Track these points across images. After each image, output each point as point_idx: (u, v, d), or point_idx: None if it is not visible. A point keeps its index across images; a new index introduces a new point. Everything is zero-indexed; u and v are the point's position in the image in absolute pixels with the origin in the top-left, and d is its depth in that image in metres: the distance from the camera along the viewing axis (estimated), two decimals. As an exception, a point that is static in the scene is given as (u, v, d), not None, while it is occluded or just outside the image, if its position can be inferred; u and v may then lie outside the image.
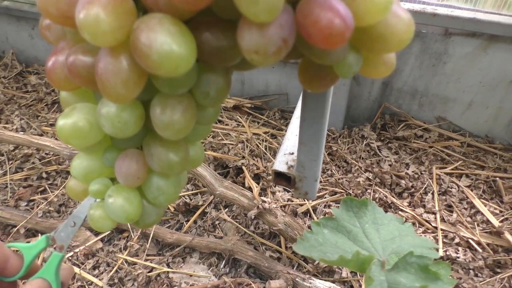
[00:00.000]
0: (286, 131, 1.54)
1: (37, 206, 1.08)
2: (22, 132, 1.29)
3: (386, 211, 1.03)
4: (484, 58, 1.16)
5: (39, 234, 1.01)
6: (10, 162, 1.21)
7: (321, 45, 0.24)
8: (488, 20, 1.06)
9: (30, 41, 1.66)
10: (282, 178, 0.52)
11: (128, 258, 0.96)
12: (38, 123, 1.37)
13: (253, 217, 0.95)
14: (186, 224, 1.04)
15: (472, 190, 1.13)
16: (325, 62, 0.29)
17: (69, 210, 1.08)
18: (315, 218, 1.05)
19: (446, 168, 1.20)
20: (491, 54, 1.14)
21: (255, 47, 0.24)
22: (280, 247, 0.98)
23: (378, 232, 0.50)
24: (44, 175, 1.18)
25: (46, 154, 1.23)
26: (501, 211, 1.06)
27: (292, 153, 0.52)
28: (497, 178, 1.14)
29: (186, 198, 1.09)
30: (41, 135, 1.31)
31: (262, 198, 0.98)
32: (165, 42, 0.24)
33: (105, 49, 0.26)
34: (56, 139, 1.18)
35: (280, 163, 0.52)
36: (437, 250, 1.02)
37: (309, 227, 1.02)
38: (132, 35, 0.25)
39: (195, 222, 1.06)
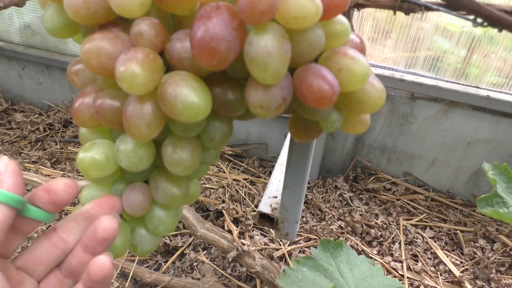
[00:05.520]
0: (264, 178, 1.58)
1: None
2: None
3: (357, 258, 1.07)
4: (445, 121, 1.28)
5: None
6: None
7: (313, 104, 0.30)
8: (448, 88, 1.19)
9: (18, 80, 1.68)
10: (265, 219, 0.57)
11: (103, 297, 0.94)
12: (21, 159, 1.36)
13: (230, 259, 0.97)
14: (165, 264, 1.05)
15: (435, 241, 1.20)
16: (313, 118, 0.35)
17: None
18: (290, 263, 1.08)
19: (412, 219, 1.28)
20: (451, 117, 1.27)
21: (260, 103, 0.30)
22: (255, 291, 0.99)
23: (352, 271, 0.54)
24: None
25: (28, 190, 1.22)
26: (461, 262, 1.13)
27: (276, 197, 0.57)
28: (458, 231, 1.21)
29: (166, 239, 1.10)
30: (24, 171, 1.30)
31: (242, 240, 1.00)
32: (189, 95, 0.29)
33: (133, 96, 0.31)
34: (41, 174, 1.18)
35: (265, 205, 0.56)
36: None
37: (284, 271, 1.04)
38: (160, 87, 0.30)
39: (173, 263, 1.06)
